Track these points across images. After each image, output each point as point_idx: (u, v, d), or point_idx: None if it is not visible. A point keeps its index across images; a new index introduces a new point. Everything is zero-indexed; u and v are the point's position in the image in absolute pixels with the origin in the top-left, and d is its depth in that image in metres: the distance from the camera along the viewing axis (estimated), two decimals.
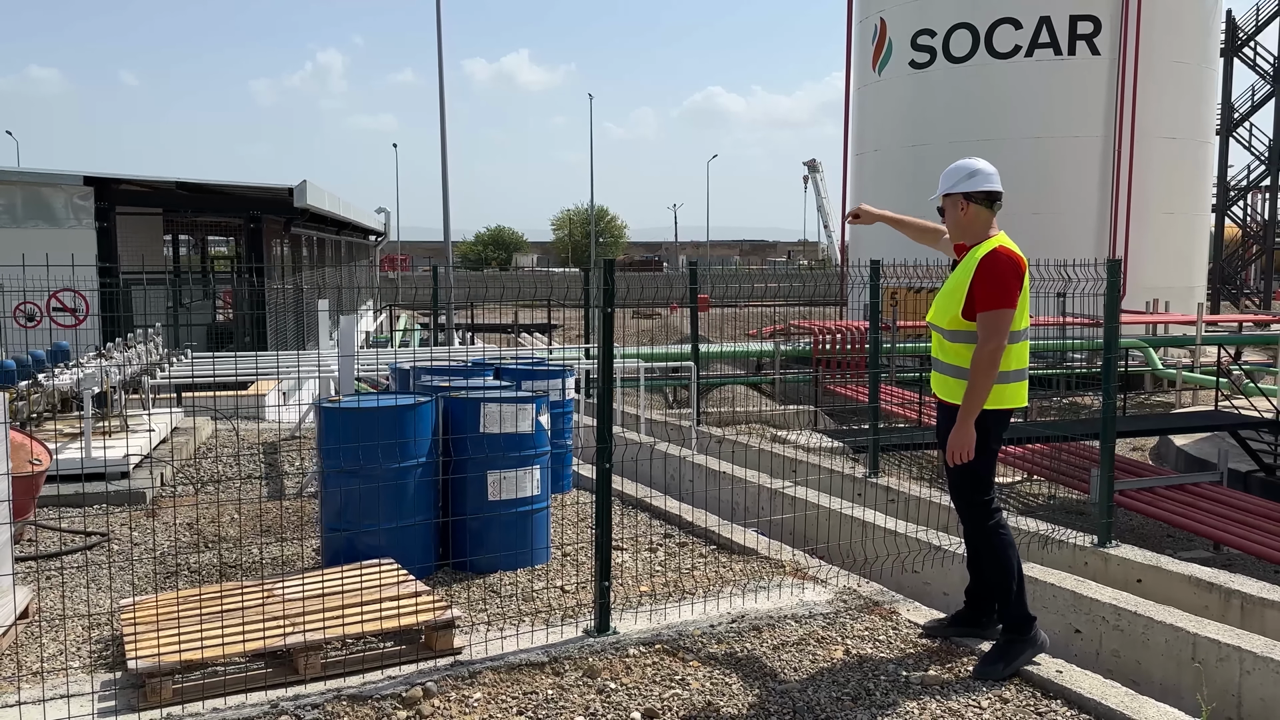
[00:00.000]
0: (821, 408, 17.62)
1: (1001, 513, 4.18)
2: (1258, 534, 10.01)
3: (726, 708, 3.77)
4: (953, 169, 4.21)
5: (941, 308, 4.12)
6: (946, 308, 4.09)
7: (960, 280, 4.03)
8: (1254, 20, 35.92)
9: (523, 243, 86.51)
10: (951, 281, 4.12)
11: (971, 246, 4.10)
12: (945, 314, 4.09)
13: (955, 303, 4.04)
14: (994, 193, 4.11)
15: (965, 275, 4.01)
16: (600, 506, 4.33)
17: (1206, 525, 10.42)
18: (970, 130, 24.05)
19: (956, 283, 4.07)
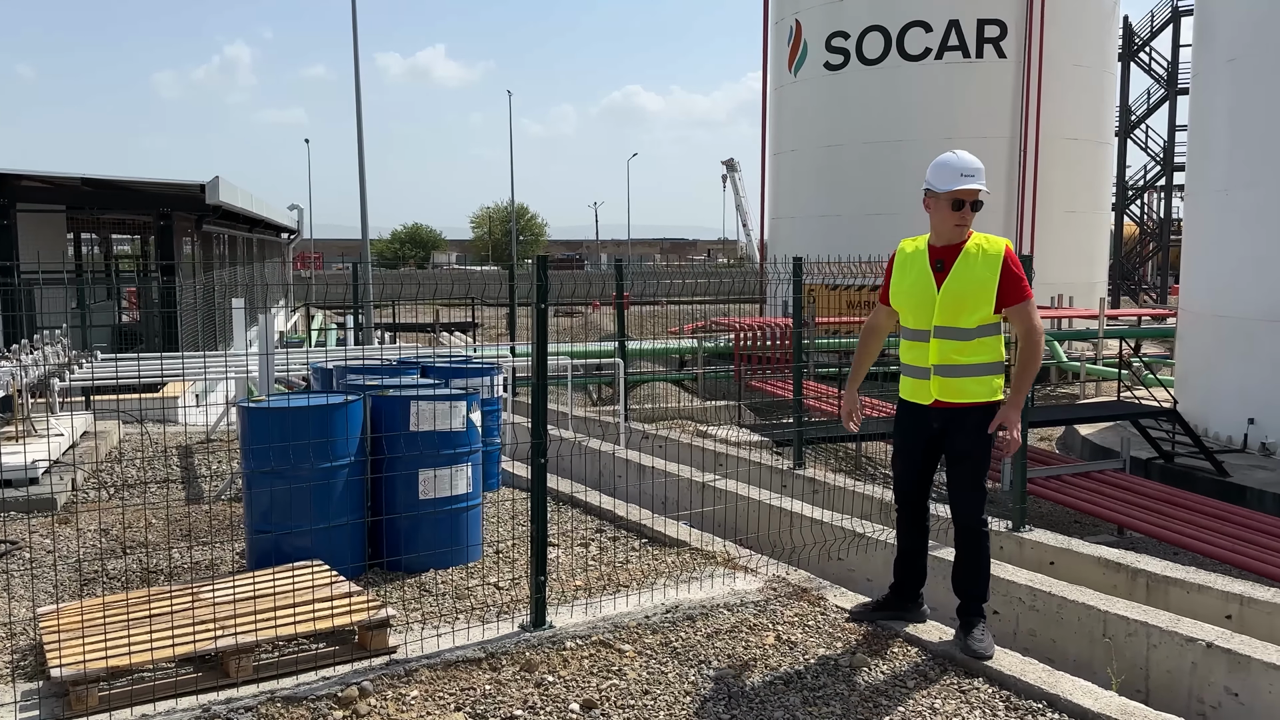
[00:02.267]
0: (744, 403, 17.86)
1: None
2: (1158, 518, 10.51)
3: (664, 695, 3.84)
4: (980, 164, 4.16)
5: (960, 309, 4.02)
6: (972, 308, 4.02)
7: (983, 277, 4.00)
8: (1149, 26, 37.54)
9: (441, 241, 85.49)
10: (965, 282, 4.03)
11: (961, 243, 4.08)
12: (971, 314, 4.02)
13: (984, 301, 4.01)
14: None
15: (989, 272, 3.99)
16: (535, 502, 4.35)
17: (1111, 510, 10.89)
18: (884, 131, 24.63)
19: (977, 281, 4.01)
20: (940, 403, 4.09)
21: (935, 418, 4.12)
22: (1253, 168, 14.76)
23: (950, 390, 4.06)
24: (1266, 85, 14.39)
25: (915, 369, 4.16)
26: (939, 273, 4.07)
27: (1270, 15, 14.38)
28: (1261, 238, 14.41)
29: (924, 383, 4.12)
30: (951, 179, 4.06)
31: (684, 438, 10.30)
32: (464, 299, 27.94)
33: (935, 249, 4.13)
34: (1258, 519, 10.56)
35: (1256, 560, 9.01)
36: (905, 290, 4.19)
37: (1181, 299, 18.04)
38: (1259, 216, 14.51)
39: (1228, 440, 14.81)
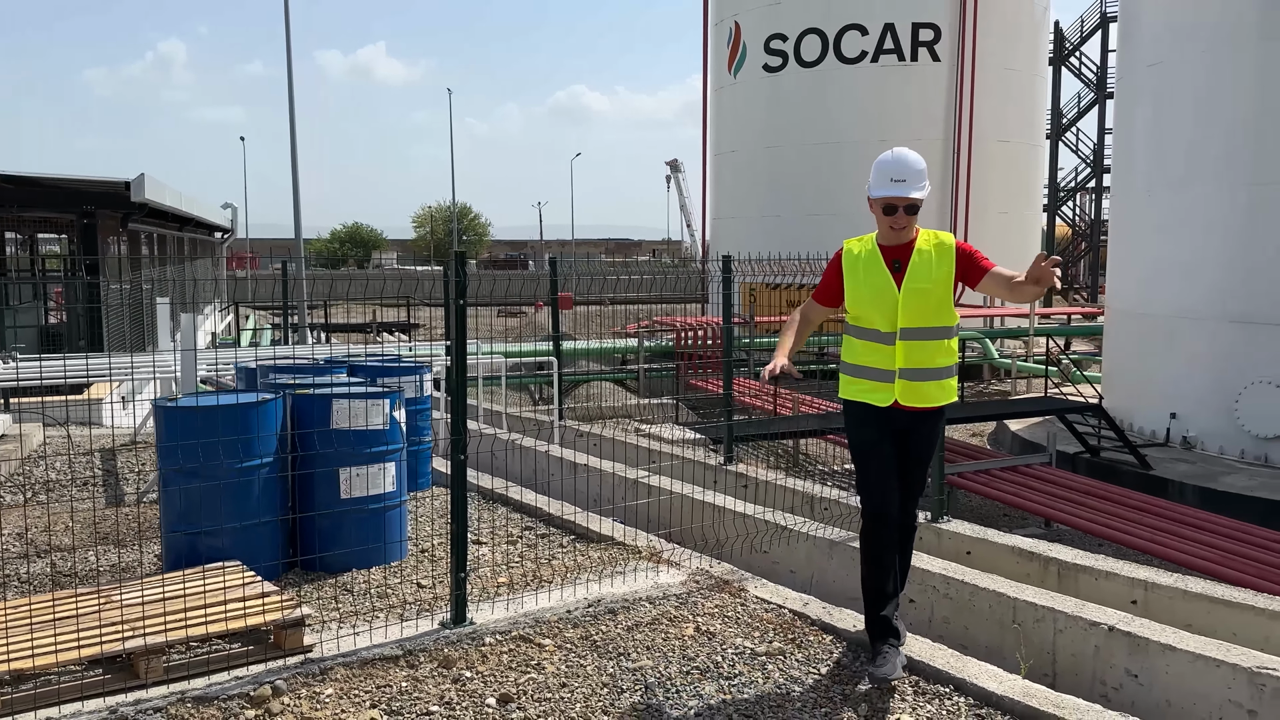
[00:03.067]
0: (683, 401, 17.96)
1: None
2: (1083, 510, 10.80)
3: (581, 688, 3.86)
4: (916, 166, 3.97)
5: (926, 309, 3.89)
6: (936, 306, 3.90)
7: (942, 274, 3.88)
8: (1079, 31, 38.52)
9: (381, 240, 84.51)
10: (926, 280, 3.88)
11: (911, 241, 3.95)
12: (937, 313, 3.90)
13: (948, 299, 3.91)
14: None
15: (946, 266, 3.88)
16: (455, 498, 4.35)
17: (1038, 504, 11.17)
18: (822, 133, 24.95)
19: (937, 279, 3.88)
20: (901, 405, 3.92)
21: (894, 417, 3.95)
22: (1172, 170, 15.24)
23: (915, 394, 3.90)
24: (1185, 90, 14.85)
25: (875, 371, 3.93)
26: (897, 272, 3.90)
27: (1188, 22, 14.86)
28: (1182, 238, 14.87)
29: (884, 386, 3.92)
30: (882, 182, 3.92)
31: (619, 435, 10.33)
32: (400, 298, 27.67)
33: (886, 248, 3.97)
34: (1177, 510, 10.91)
35: (1173, 550, 9.31)
36: (864, 293, 3.96)
37: (1108, 298, 18.55)
38: (1179, 217, 14.98)
39: (1151, 434, 15.25)
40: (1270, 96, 13.49)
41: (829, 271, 4.13)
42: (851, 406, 4.10)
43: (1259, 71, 13.62)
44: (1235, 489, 12.59)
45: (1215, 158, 14.30)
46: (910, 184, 3.89)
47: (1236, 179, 14.01)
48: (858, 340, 4.04)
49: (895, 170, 3.92)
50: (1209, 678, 3.91)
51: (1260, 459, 13.65)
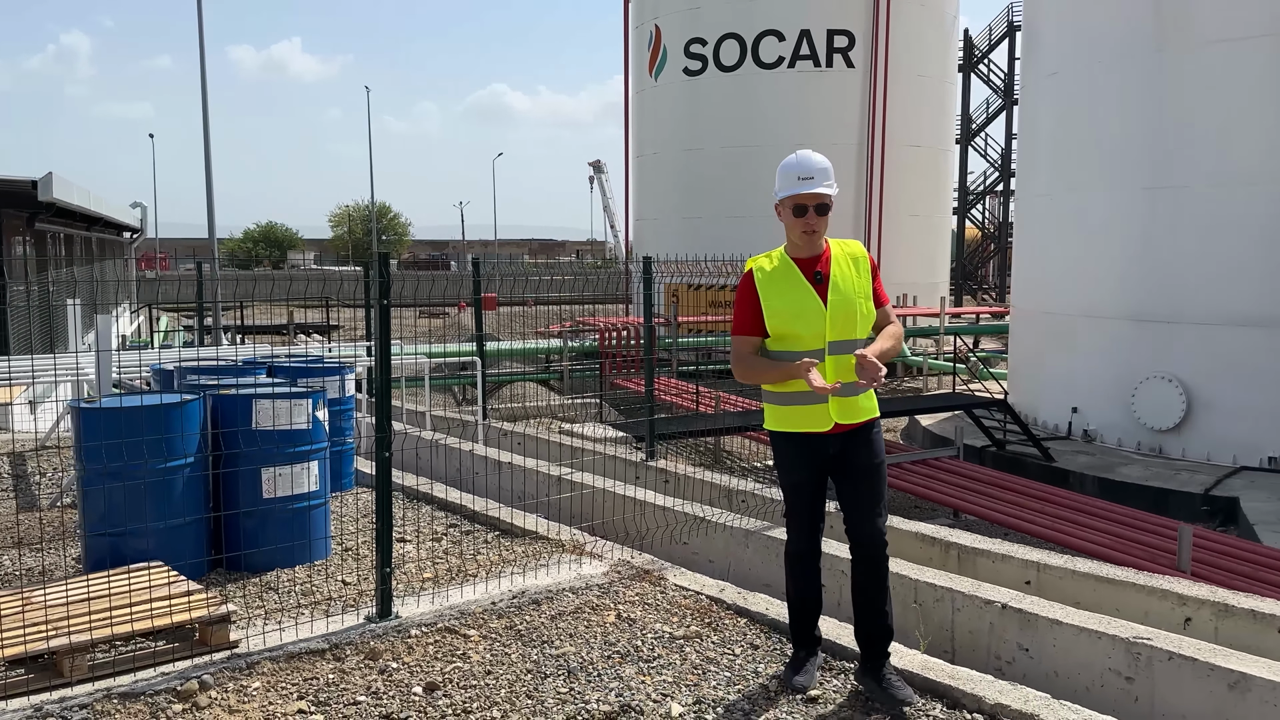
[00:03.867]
0: (608, 401, 18.15)
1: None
2: (989, 501, 11.30)
3: (505, 675, 3.99)
4: (822, 164, 3.81)
5: (853, 320, 3.72)
6: (863, 316, 3.75)
7: (863, 284, 3.77)
8: (988, 40, 39.81)
9: (297, 240, 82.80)
10: (850, 291, 3.73)
11: (824, 251, 3.79)
12: (864, 324, 3.77)
13: (870, 309, 3.78)
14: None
15: (865, 276, 3.78)
16: (380, 494, 4.44)
17: (947, 495, 11.64)
18: (740, 137, 25.38)
19: (859, 289, 3.75)
20: (840, 426, 3.73)
21: (833, 442, 3.75)
22: (1073, 174, 15.97)
23: (849, 410, 3.73)
24: (1084, 98, 15.58)
25: (806, 394, 3.69)
26: (818, 284, 3.71)
27: (1086, 34, 15.59)
28: (1082, 240, 15.60)
29: (819, 409, 3.71)
30: (788, 183, 3.75)
31: (543, 434, 10.45)
32: (320, 299, 27.28)
33: (801, 260, 3.77)
34: (1077, 500, 11.48)
35: (1072, 536, 9.81)
36: (786, 311, 3.72)
37: (1013, 297, 19.30)
38: (1079, 220, 15.70)
39: (1054, 428, 15.95)
40: (1163, 105, 14.25)
41: (742, 300, 3.82)
42: (784, 440, 3.85)
43: (1152, 81, 14.38)
44: (1131, 479, 13.28)
45: (1113, 163, 15.04)
46: (818, 181, 3.71)
47: (1133, 183, 14.76)
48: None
49: (800, 169, 3.75)
50: (1091, 649, 4.22)
51: (1155, 450, 14.40)
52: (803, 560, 3.93)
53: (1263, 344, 13.43)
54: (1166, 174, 14.29)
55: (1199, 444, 14.06)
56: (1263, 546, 10.08)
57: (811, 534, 3.91)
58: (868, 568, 3.81)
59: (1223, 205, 13.66)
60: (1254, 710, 3.74)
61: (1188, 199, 14.06)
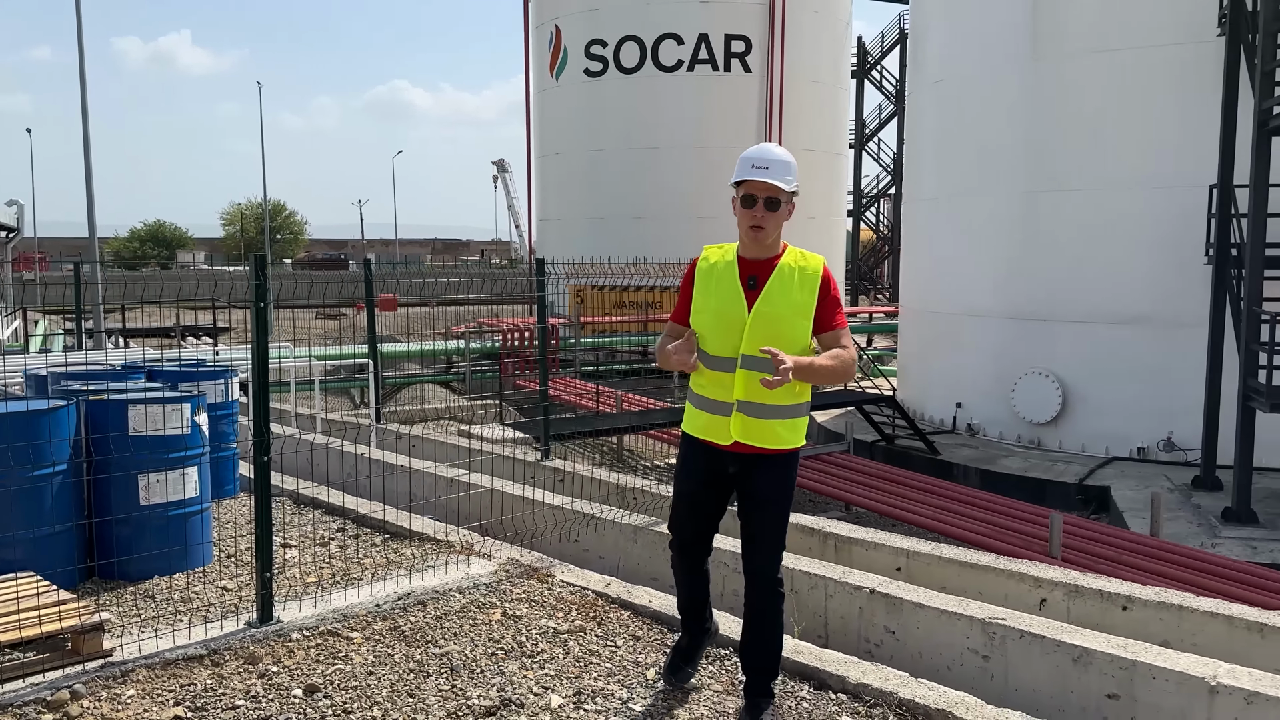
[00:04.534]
0: (509, 402, 18.11)
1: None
2: (877, 493, 11.70)
3: (388, 675, 4.02)
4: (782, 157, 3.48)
5: (774, 336, 3.37)
6: (789, 336, 3.40)
7: (801, 301, 3.43)
8: (880, 46, 40.96)
9: (187, 239, 79.95)
10: (780, 304, 3.42)
11: (775, 257, 3.48)
12: (794, 342, 3.40)
13: (802, 330, 3.44)
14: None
15: (807, 294, 3.44)
16: (259, 498, 4.41)
17: (837, 489, 12.01)
18: (641, 138, 25.61)
19: (794, 305, 3.43)
20: (741, 446, 3.45)
21: (731, 461, 3.51)
22: (956, 179, 16.62)
23: (754, 433, 3.43)
24: (966, 105, 16.24)
25: (713, 403, 3.47)
26: (750, 290, 3.41)
27: (968, 43, 16.25)
28: (965, 242, 16.25)
29: (722, 420, 3.46)
30: (742, 169, 3.42)
31: (440, 436, 10.41)
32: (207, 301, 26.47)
33: (746, 261, 3.47)
34: (960, 491, 11.98)
35: (954, 526, 10.25)
36: (710, 309, 3.47)
37: (901, 297, 19.97)
38: (962, 223, 16.36)
39: (940, 423, 16.58)
40: (1040, 112, 14.96)
41: (684, 284, 3.59)
42: (685, 441, 3.65)
43: (1030, 89, 15.08)
44: (1011, 470, 13.92)
45: (993, 168, 15.72)
46: (773, 172, 3.38)
47: (1012, 188, 15.45)
48: (703, 367, 3.51)
49: (756, 156, 3.43)
50: (951, 629, 4.47)
51: (1034, 443, 15.11)
52: (677, 567, 3.78)
53: (1134, 341, 14.22)
54: (1043, 179, 15.00)
55: (1075, 436, 14.81)
56: (1129, 532, 10.70)
57: (685, 547, 3.69)
58: (755, 599, 3.61)
59: (1097, 209, 14.42)
60: (1094, 681, 4.03)
61: (1064, 203, 14.79)
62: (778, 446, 3.47)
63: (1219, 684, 3.74)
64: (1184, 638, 4.61)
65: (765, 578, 3.59)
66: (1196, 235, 13.18)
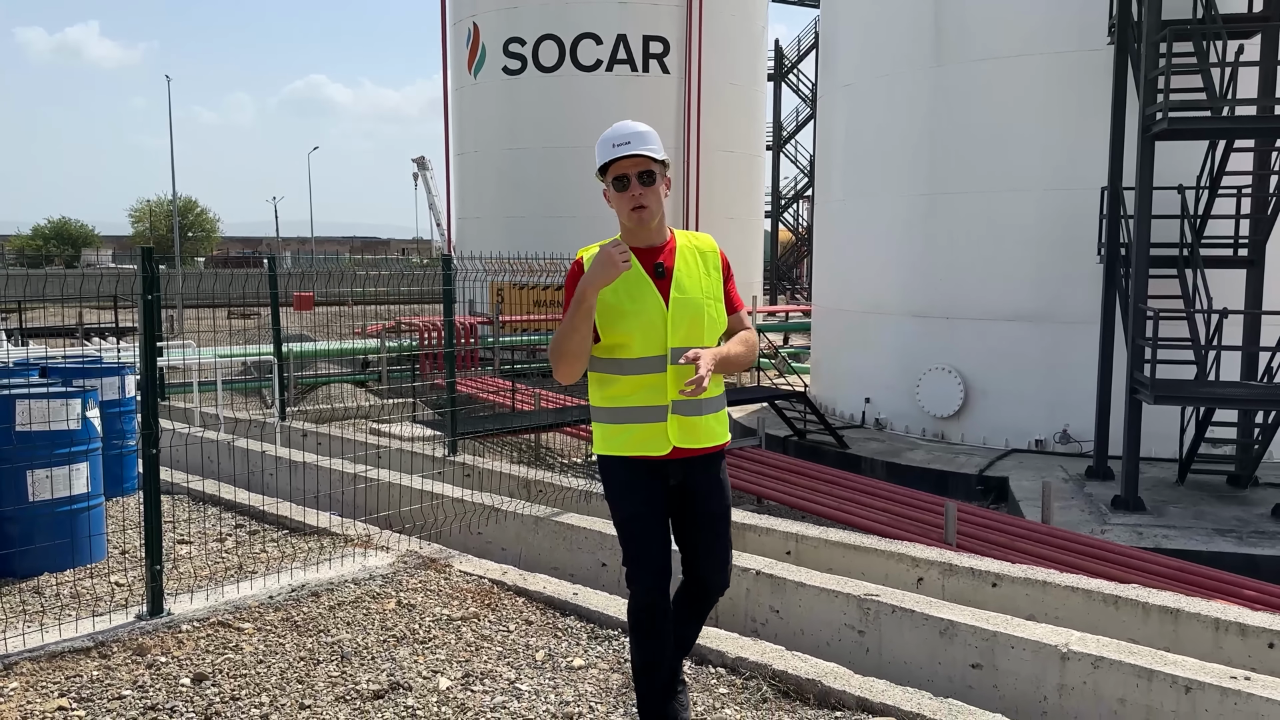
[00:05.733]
0: (426, 402, 18.02)
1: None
2: (787, 486, 12.00)
3: (278, 663, 4.06)
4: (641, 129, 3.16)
5: (698, 324, 3.16)
6: (711, 321, 3.19)
7: (713, 282, 3.22)
8: (797, 50, 41.67)
9: (94, 237, 77.27)
10: (696, 289, 3.18)
11: (668, 241, 3.22)
12: (712, 330, 3.20)
13: (720, 312, 3.23)
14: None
15: (715, 272, 3.24)
16: (148, 490, 4.40)
17: (750, 483, 12.28)
18: (561, 137, 25.67)
19: (707, 288, 3.20)
20: (681, 451, 3.16)
21: (673, 471, 3.18)
22: (863, 180, 17.07)
23: (692, 433, 3.16)
24: (872, 108, 16.70)
25: (643, 411, 3.14)
26: (661, 279, 3.14)
27: (875, 48, 16.71)
28: (871, 242, 16.70)
29: (657, 428, 3.13)
30: (604, 152, 3.13)
31: (348, 434, 10.36)
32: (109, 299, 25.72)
33: (640, 251, 3.15)
34: (866, 483, 12.34)
35: (858, 516, 10.58)
36: (622, 309, 3.12)
37: (814, 296, 20.42)
38: (867, 223, 16.82)
39: (850, 418, 17.01)
40: (941, 115, 15.46)
41: (569, 294, 3.13)
42: (613, 465, 3.22)
43: (932, 93, 15.57)
44: (915, 463, 14.37)
45: (897, 170, 16.19)
46: (635, 144, 3.08)
47: (915, 189, 15.94)
48: (616, 376, 3.17)
49: (615, 135, 3.13)
50: (830, 607, 4.68)
51: (938, 436, 15.61)
52: (651, 615, 3.21)
53: (1030, 337, 14.80)
54: (944, 181, 15.52)
55: (976, 429, 15.35)
56: (1021, 519, 11.16)
57: (659, 579, 3.20)
58: (703, 606, 3.40)
59: (995, 210, 14.97)
60: (960, 652, 4.27)
61: (963, 204, 15.32)
62: (715, 443, 3.24)
63: (1070, 651, 4.01)
64: (1048, 611, 4.90)
65: (722, 590, 3.38)
66: (1089, 236, 13.79)
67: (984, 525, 10.22)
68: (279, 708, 3.68)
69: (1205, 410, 12.05)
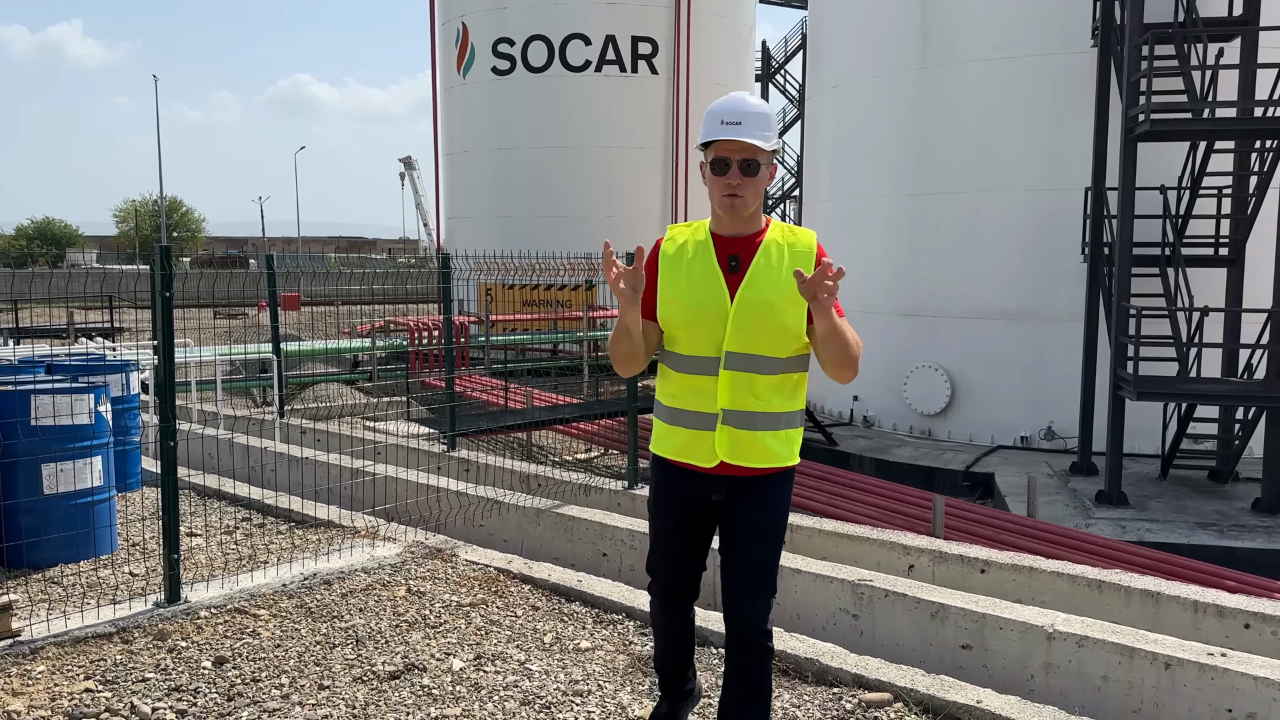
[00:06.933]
0: (419, 402, 18.13)
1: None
2: None
3: (295, 647, 4.21)
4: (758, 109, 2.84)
5: (764, 328, 2.81)
6: (780, 327, 2.82)
7: (791, 285, 2.74)
8: (784, 51, 41.92)
9: (78, 237, 76.92)
10: (769, 289, 2.81)
11: (758, 233, 2.88)
12: (780, 337, 2.83)
13: (797, 318, 2.82)
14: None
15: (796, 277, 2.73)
16: (165, 481, 4.53)
17: None
18: (550, 137, 25.80)
19: (785, 292, 2.78)
20: (728, 467, 2.85)
21: (717, 486, 2.89)
22: (850, 181, 17.29)
23: (744, 450, 2.83)
24: (859, 110, 16.91)
25: (692, 415, 2.86)
26: (732, 274, 2.81)
27: (862, 50, 16.91)
28: (859, 242, 16.90)
29: (704, 436, 2.84)
30: (710, 127, 2.80)
31: (345, 431, 10.48)
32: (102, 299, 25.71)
33: (723, 239, 2.86)
34: (855, 479, 12.55)
35: (846, 511, 10.77)
36: (680, 298, 2.85)
37: None
38: (855, 223, 17.03)
39: (839, 415, 17.21)
40: (927, 117, 15.68)
41: (645, 271, 2.85)
42: (657, 468, 3.01)
43: (917, 95, 15.79)
44: (903, 459, 14.58)
45: (884, 171, 16.41)
46: (747, 128, 2.76)
47: (902, 190, 16.16)
48: (673, 372, 2.92)
49: (726, 111, 2.80)
50: (825, 592, 4.86)
51: (925, 433, 15.83)
52: (657, 617, 3.17)
53: (1015, 335, 15.04)
54: (931, 181, 15.74)
55: (962, 426, 15.57)
56: (1007, 513, 11.38)
57: (669, 594, 3.05)
58: (739, 655, 2.93)
59: (980, 210, 15.20)
60: (950, 634, 4.45)
61: (949, 204, 15.54)
62: (772, 465, 2.87)
63: (1056, 631, 4.20)
64: (1034, 595, 5.09)
65: (753, 628, 2.90)
66: (1073, 235, 14.03)
67: (971, 519, 10.43)
68: (299, 688, 3.82)
69: (1187, 407, 12.29)
